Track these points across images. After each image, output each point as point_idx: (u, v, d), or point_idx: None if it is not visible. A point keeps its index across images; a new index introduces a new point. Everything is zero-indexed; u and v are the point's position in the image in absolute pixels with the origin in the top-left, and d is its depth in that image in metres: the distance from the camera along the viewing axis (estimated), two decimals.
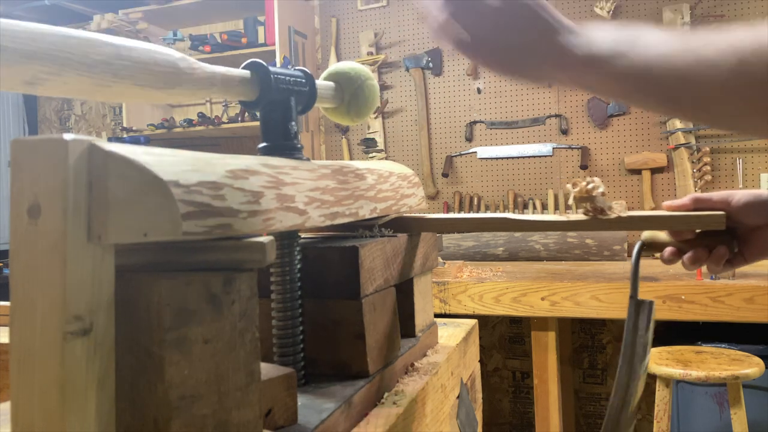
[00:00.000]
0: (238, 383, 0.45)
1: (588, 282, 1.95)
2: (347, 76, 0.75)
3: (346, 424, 0.60)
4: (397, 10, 3.17)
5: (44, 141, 0.36)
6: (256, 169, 0.50)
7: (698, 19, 2.69)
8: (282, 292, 0.63)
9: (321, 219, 0.59)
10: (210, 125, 3.06)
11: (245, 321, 0.46)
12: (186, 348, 0.40)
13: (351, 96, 0.75)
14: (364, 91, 0.76)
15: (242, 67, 0.62)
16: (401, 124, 3.18)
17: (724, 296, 1.83)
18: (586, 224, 0.74)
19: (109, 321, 0.38)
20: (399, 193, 0.82)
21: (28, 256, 0.36)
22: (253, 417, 0.46)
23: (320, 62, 3.30)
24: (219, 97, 0.61)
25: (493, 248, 2.73)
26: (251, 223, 0.46)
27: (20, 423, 0.36)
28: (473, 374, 1.04)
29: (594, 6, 2.82)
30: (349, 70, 0.76)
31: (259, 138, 0.65)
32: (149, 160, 0.38)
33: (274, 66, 0.64)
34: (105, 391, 0.38)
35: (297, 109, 0.66)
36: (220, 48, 2.99)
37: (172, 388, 0.39)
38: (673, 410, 2.11)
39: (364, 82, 0.76)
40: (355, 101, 0.76)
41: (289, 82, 0.65)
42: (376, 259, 0.71)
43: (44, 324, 0.35)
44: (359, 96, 0.76)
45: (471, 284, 2.08)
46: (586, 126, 2.89)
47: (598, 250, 2.59)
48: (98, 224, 0.37)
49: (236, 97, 0.61)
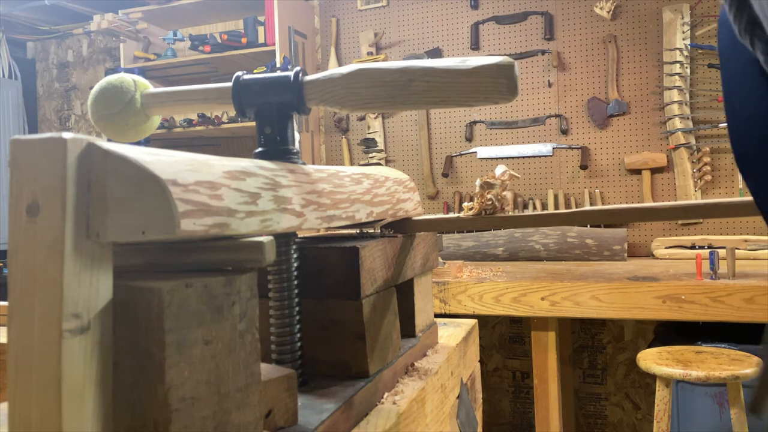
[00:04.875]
0: (238, 384, 0.45)
1: (588, 282, 1.95)
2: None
3: (346, 424, 0.59)
4: (397, 10, 3.17)
5: (43, 140, 0.36)
6: (253, 171, 0.50)
7: (698, 19, 2.69)
8: (280, 291, 0.63)
9: (318, 221, 0.59)
10: (210, 125, 3.06)
11: (245, 322, 0.45)
12: (186, 349, 0.40)
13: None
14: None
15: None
16: (401, 124, 3.18)
17: (724, 296, 1.83)
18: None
19: (107, 320, 0.38)
20: (395, 198, 0.82)
21: (27, 254, 0.36)
22: (253, 418, 0.46)
23: (320, 62, 3.30)
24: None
25: (493, 248, 2.73)
26: (249, 223, 0.46)
27: (18, 422, 0.36)
28: (473, 374, 1.04)
29: (594, 6, 2.82)
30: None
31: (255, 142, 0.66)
32: (147, 159, 0.38)
33: (273, 65, 0.64)
34: (103, 390, 0.38)
35: (288, 114, 0.66)
36: (220, 48, 2.99)
37: (172, 389, 0.39)
38: (673, 410, 2.11)
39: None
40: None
41: (270, 88, 0.65)
42: (376, 260, 0.71)
43: (42, 322, 0.35)
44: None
45: (471, 284, 2.08)
46: (586, 126, 2.88)
47: (598, 250, 2.59)
48: (97, 222, 0.37)
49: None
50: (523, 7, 2.97)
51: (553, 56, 2.89)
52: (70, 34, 3.76)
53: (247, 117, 0.67)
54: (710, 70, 2.68)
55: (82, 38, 3.77)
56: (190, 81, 3.23)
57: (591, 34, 2.87)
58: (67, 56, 3.82)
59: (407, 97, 0.62)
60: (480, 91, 0.61)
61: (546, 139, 2.94)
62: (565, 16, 2.91)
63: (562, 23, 2.91)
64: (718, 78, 2.68)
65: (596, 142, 2.87)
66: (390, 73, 0.62)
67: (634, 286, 1.87)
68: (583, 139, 2.89)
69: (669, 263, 2.40)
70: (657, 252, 2.60)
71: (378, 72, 0.63)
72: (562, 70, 2.91)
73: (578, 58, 2.89)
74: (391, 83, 0.62)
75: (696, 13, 2.70)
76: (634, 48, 2.80)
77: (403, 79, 0.62)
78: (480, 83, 0.61)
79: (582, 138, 2.89)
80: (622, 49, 2.81)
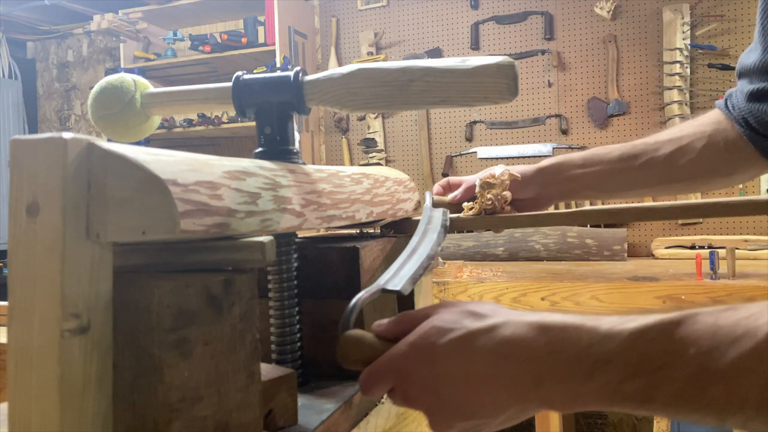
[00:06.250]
0: (238, 384, 0.45)
1: (588, 282, 1.95)
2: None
3: (346, 424, 0.59)
4: (397, 10, 3.17)
5: (43, 140, 0.36)
6: (253, 171, 0.50)
7: (698, 19, 2.69)
8: (280, 291, 0.63)
9: (318, 221, 0.59)
10: (210, 125, 3.06)
11: (245, 322, 0.45)
12: (186, 350, 0.40)
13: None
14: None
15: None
16: (401, 124, 3.18)
17: (724, 296, 1.82)
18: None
19: (107, 319, 0.38)
20: (395, 198, 0.82)
21: (27, 254, 0.36)
22: (253, 418, 0.46)
23: (320, 62, 3.30)
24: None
25: (493, 248, 2.73)
26: (249, 223, 0.46)
27: (17, 422, 0.36)
28: None
29: (594, 6, 2.82)
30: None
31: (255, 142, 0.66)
32: (147, 159, 0.38)
33: (273, 65, 0.65)
34: (103, 390, 0.38)
35: (288, 114, 0.66)
36: (220, 48, 2.99)
37: (172, 389, 0.39)
38: None
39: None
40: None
41: (270, 88, 0.65)
42: (376, 260, 0.71)
43: (42, 322, 0.35)
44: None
45: (471, 284, 2.08)
46: (586, 126, 2.88)
47: (598, 250, 2.59)
48: (97, 222, 0.37)
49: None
50: (523, 7, 2.97)
51: (553, 56, 2.89)
52: (70, 34, 3.76)
53: (247, 117, 0.66)
54: (710, 70, 2.68)
55: (82, 38, 3.77)
56: (190, 81, 3.23)
57: (591, 34, 2.87)
58: (67, 56, 3.82)
59: (407, 97, 0.62)
60: (480, 91, 0.61)
61: (546, 139, 2.94)
62: (565, 16, 2.91)
63: (562, 23, 2.91)
64: (718, 78, 2.68)
65: (596, 142, 2.86)
66: (390, 73, 0.62)
67: (634, 286, 1.87)
68: (583, 139, 2.89)
69: (669, 263, 2.40)
70: (657, 252, 2.60)
71: (378, 72, 0.63)
72: (562, 70, 2.91)
73: (578, 58, 2.89)
74: (391, 83, 0.62)
75: (696, 13, 2.70)
76: (634, 48, 2.80)
77: (403, 79, 0.62)
78: (480, 83, 0.61)
79: (582, 138, 2.89)
80: (622, 49, 2.81)
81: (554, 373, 0.43)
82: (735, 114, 0.87)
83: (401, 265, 0.60)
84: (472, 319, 0.47)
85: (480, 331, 0.46)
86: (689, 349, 0.39)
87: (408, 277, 0.57)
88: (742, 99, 0.86)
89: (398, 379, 0.47)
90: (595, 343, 0.42)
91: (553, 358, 0.43)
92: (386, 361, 0.48)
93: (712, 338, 0.39)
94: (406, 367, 0.47)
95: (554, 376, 0.43)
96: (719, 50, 2.66)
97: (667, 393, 0.39)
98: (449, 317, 0.48)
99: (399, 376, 0.47)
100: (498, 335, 0.45)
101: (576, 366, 0.42)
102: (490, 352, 0.45)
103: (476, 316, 0.47)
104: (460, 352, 0.45)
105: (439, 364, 0.45)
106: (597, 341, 0.42)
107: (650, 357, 0.40)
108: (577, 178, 0.95)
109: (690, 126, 0.93)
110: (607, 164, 0.93)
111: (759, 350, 0.37)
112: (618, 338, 0.41)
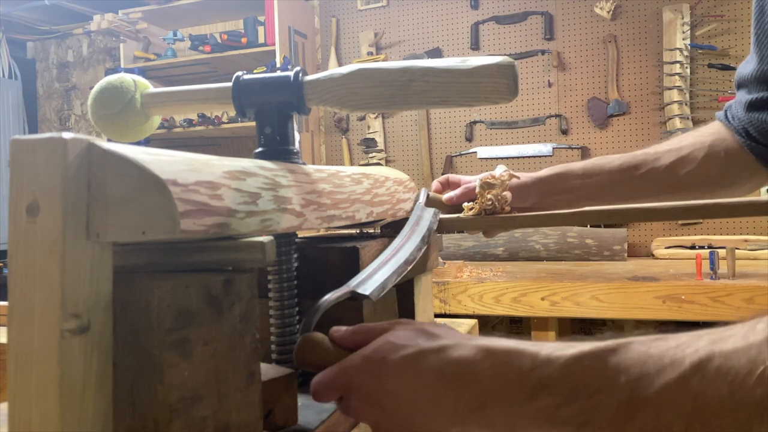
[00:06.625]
0: (238, 384, 0.45)
1: (588, 282, 1.95)
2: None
3: (346, 424, 0.59)
4: (397, 10, 3.17)
5: (43, 140, 0.36)
6: (253, 171, 0.50)
7: (698, 19, 2.69)
8: (280, 291, 0.63)
9: (318, 221, 0.59)
10: (210, 125, 3.06)
11: (245, 322, 0.45)
12: (186, 350, 0.40)
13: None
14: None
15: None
16: (401, 124, 3.18)
17: (724, 296, 1.82)
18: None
19: (107, 320, 0.38)
20: (395, 198, 0.82)
21: (27, 254, 0.36)
22: (253, 418, 0.46)
23: (320, 62, 3.30)
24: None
25: (493, 248, 2.73)
26: (249, 223, 0.46)
27: (18, 422, 0.36)
28: None
29: (594, 6, 2.82)
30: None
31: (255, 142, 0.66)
32: (147, 159, 0.38)
33: (273, 65, 0.64)
34: (103, 390, 0.38)
35: (288, 114, 0.66)
36: (220, 48, 2.99)
37: (172, 389, 0.39)
38: None
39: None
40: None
41: (270, 88, 0.64)
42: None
43: (42, 322, 0.35)
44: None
45: (471, 284, 2.08)
46: (586, 126, 2.88)
47: (598, 250, 2.59)
48: (97, 222, 0.37)
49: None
50: (523, 7, 2.97)
51: (553, 56, 2.89)
52: (70, 34, 3.76)
53: (247, 117, 0.67)
54: (710, 70, 2.68)
55: (82, 38, 3.77)
56: (190, 81, 3.23)
57: (591, 34, 2.87)
58: (67, 56, 3.82)
59: (407, 97, 0.62)
60: (480, 91, 0.61)
61: (546, 139, 2.94)
62: (565, 16, 2.91)
63: (562, 23, 2.91)
64: (718, 78, 2.68)
65: (596, 142, 2.87)
66: (390, 73, 0.62)
67: (634, 286, 1.87)
68: (583, 139, 2.89)
69: (669, 263, 2.40)
70: (657, 252, 2.60)
71: (378, 72, 0.63)
72: (562, 70, 2.91)
73: (578, 58, 2.89)
74: (391, 83, 0.62)
75: (696, 13, 2.70)
76: (634, 48, 2.80)
77: (403, 79, 0.62)
78: (480, 83, 0.61)
79: (582, 138, 2.89)
80: (622, 49, 2.81)
81: (497, 396, 0.43)
82: (735, 124, 0.87)
83: (377, 268, 0.61)
84: (425, 338, 0.47)
85: (430, 351, 0.46)
86: (620, 376, 0.40)
87: (379, 282, 0.57)
88: (741, 109, 0.86)
89: (348, 390, 0.48)
90: (536, 367, 0.43)
91: (496, 381, 0.43)
92: (339, 370, 0.48)
93: (641, 366, 0.40)
94: (357, 380, 0.47)
95: (496, 399, 0.43)
96: (719, 50, 2.66)
97: (602, 418, 0.40)
98: (404, 334, 0.48)
99: (349, 387, 0.48)
100: (446, 356, 0.46)
101: (517, 389, 0.43)
102: (437, 372, 0.45)
103: (429, 335, 0.48)
104: (408, 370, 0.46)
105: (388, 380, 0.46)
106: (538, 365, 0.43)
107: (585, 382, 0.41)
108: (577, 188, 0.95)
109: (690, 136, 0.93)
110: (607, 175, 0.93)
111: (682, 380, 0.38)
112: (557, 363, 0.42)
